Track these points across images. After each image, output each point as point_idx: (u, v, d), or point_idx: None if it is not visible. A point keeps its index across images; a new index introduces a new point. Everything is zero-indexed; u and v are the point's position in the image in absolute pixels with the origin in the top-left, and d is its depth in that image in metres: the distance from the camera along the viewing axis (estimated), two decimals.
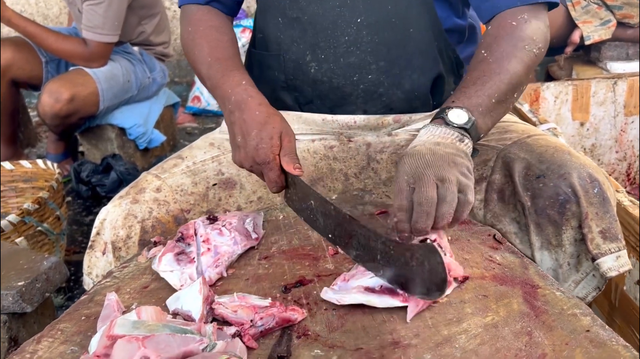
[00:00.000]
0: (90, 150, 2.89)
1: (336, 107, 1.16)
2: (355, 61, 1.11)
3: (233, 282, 0.88)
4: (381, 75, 1.12)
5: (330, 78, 1.13)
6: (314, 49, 1.12)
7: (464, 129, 0.90)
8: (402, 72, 1.12)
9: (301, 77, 1.14)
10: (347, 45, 1.10)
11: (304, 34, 1.12)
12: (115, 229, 1.05)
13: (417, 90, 1.14)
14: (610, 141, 2.20)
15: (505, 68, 0.96)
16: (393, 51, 1.10)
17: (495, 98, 0.94)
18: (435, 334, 0.72)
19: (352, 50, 1.10)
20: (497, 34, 1.01)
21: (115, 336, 0.64)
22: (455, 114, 0.91)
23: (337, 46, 1.10)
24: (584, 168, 0.98)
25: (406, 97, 1.14)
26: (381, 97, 1.14)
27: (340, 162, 1.18)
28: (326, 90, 1.14)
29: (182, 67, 4.49)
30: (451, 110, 0.91)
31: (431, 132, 0.90)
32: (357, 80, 1.12)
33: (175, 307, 0.78)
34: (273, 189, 0.95)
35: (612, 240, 0.95)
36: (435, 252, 0.73)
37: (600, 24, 2.48)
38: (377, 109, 1.15)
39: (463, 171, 0.84)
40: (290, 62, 1.14)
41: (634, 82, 2.10)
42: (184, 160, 1.16)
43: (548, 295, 0.79)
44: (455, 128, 0.89)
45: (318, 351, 0.71)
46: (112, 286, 0.89)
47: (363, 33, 1.09)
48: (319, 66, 1.12)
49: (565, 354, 0.68)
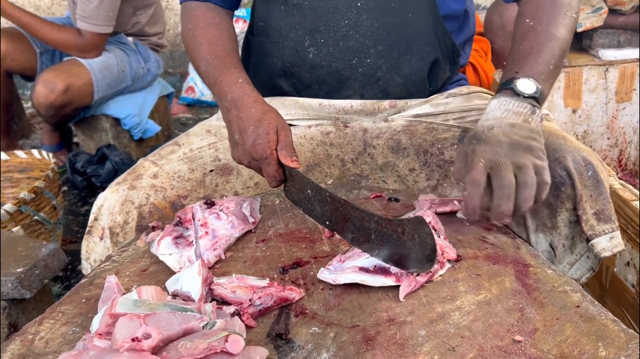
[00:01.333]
0: (85, 141, 2.89)
1: (334, 91, 1.17)
2: (355, 45, 1.12)
3: (231, 265, 0.89)
4: (380, 59, 1.13)
5: (329, 62, 1.14)
6: (314, 33, 1.13)
7: (534, 99, 0.93)
8: (401, 56, 1.14)
9: (299, 63, 1.16)
10: (346, 29, 1.11)
11: (304, 19, 1.13)
12: (113, 215, 1.07)
13: (415, 75, 1.16)
14: (602, 127, 2.22)
15: (555, 35, 1.00)
16: (392, 35, 1.12)
17: (553, 64, 0.98)
18: (430, 312, 0.74)
19: (352, 34, 1.12)
20: (539, 2, 1.05)
21: (117, 314, 0.65)
22: (524, 84, 0.94)
23: (337, 30, 1.12)
24: (578, 151, 0.99)
25: (404, 82, 1.16)
26: (379, 81, 1.15)
27: (337, 148, 1.20)
28: (324, 74, 1.16)
29: (176, 57, 4.48)
30: (519, 80, 0.94)
31: (505, 107, 0.92)
32: (355, 64, 1.14)
33: (174, 288, 0.80)
34: (272, 184, 0.97)
35: (606, 221, 0.97)
36: (424, 224, 0.75)
37: (591, 11, 2.49)
38: (375, 94, 1.17)
39: (538, 154, 0.88)
40: (288, 49, 1.16)
41: (625, 69, 2.12)
42: (181, 146, 1.17)
43: (539, 273, 0.81)
44: (526, 99, 0.93)
45: (315, 328, 0.73)
46: (112, 269, 0.91)
47: (363, 17, 1.11)
48: (318, 50, 1.14)
49: (555, 329, 0.70)
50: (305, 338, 0.71)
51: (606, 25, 2.50)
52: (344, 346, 0.69)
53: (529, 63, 0.97)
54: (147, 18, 2.78)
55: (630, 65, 2.13)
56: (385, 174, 1.19)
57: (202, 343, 0.62)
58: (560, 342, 0.67)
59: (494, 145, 0.86)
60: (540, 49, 0.98)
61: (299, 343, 0.70)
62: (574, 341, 0.67)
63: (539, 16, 1.02)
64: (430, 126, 1.17)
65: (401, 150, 1.17)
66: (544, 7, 1.04)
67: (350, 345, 0.69)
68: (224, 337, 0.63)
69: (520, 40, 1.02)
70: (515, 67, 0.98)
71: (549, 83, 0.99)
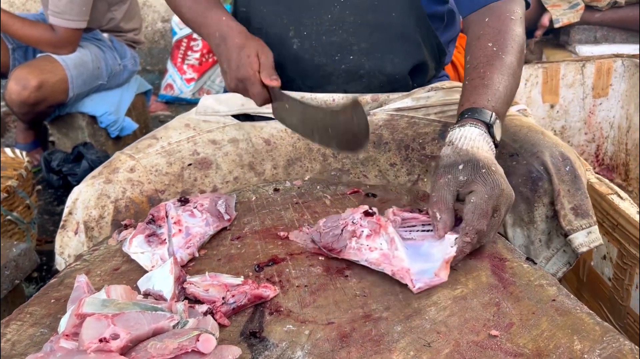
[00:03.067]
0: (61, 139, 2.84)
1: (317, 86, 1.17)
2: (338, 40, 1.11)
3: (205, 262, 0.88)
4: (362, 57, 1.13)
5: (312, 56, 1.13)
6: (298, 25, 1.12)
7: (496, 146, 0.92)
8: (384, 55, 1.13)
9: (283, 53, 1.14)
10: (329, 24, 1.10)
11: (289, 10, 1.12)
12: (88, 209, 1.04)
13: (399, 73, 1.15)
14: (579, 123, 2.24)
15: (516, 71, 0.99)
16: (375, 34, 1.11)
17: (510, 102, 0.98)
18: (406, 307, 0.73)
19: (335, 29, 1.11)
20: (500, 28, 1.02)
21: (84, 314, 0.63)
22: (498, 131, 0.92)
23: (320, 24, 1.11)
24: (556, 147, 1.00)
25: (387, 80, 1.16)
26: (362, 78, 1.15)
27: None
28: (308, 68, 1.15)
29: (154, 54, 4.43)
30: (497, 124, 0.91)
31: (487, 146, 0.89)
32: (338, 60, 1.13)
33: (146, 287, 0.78)
34: (258, 102, 1.05)
35: (583, 216, 0.97)
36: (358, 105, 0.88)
37: (568, 7, 2.51)
38: (357, 90, 1.17)
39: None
40: (273, 37, 1.14)
41: (601, 64, 2.14)
42: (159, 140, 1.15)
43: (516, 267, 0.81)
44: (491, 145, 0.90)
45: (290, 326, 0.71)
46: (82, 269, 0.88)
47: (346, 13, 1.10)
48: (301, 43, 1.13)
49: (531, 323, 0.69)
50: (280, 336, 0.70)
51: (583, 22, 2.53)
52: (318, 343, 0.68)
53: (501, 102, 0.94)
54: (122, 14, 2.73)
55: (606, 60, 2.14)
56: (367, 169, 1.18)
57: (172, 342, 0.61)
58: (536, 336, 0.67)
59: (498, 193, 0.81)
60: (506, 85, 0.96)
61: (273, 341, 0.69)
62: (549, 335, 0.67)
63: (501, 43, 1.00)
64: (411, 120, 1.16)
65: (382, 145, 1.17)
66: (505, 34, 1.01)
67: (325, 342, 0.68)
68: (195, 336, 0.62)
69: (487, 64, 0.98)
70: (487, 95, 0.93)
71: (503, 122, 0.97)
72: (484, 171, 0.82)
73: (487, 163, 0.83)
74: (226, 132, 1.18)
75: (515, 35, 1.01)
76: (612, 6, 2.50)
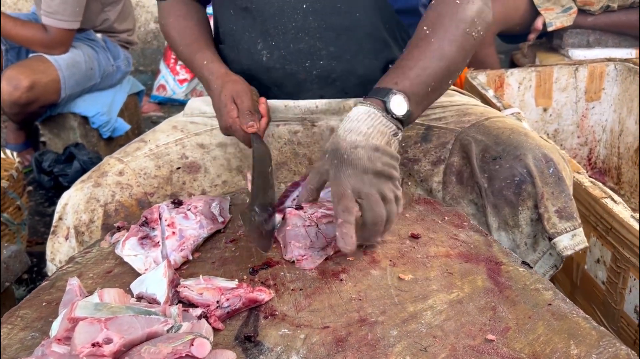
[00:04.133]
0: (52, 140, 2.82)
1: (293, 93, 1.16)
2: (305, 47, 1.10)
3: (199, 266, 0.87)
4: (332, 61, 1.11)
5: (283, 64, 1.12)
6: (265, 36, 1.11)
7: (400, 121, 0.88)
8: (354, 57, 1.11)
9: (255, 67, 1.14)
10: (295, 32, 1.09)
11: (254, 22, 1.11)
12: (78, 213, 1.03)
13: (371, 74, 1.14)
14: (572, 126, 2.25)
15: (445, 52, 0.95)
16: (342, 36, 1.10)
17: (432, 86, 0.93)
18: (402, 311, 0.73)
19: (301, 36, 1.09)
20: (441, 11, 0.99)
21: (76, 318, 0.62)
22: (397, 103, 0.88)
23: (286, 32, 1.10)
24: (539, 148, 0.99)
25: (361, 82, 1.14)
26: (335, 81, 1.14)
27: (305, 147, 1.18)
28: (281, 77, 1.14)
29: (147, 55, 4.41)
30: (394, 97, 0.89)
31: (372, 122, 0.86)
32: (309, 67, 1.12)
33: (139, 291, 0.77)
34: (248, 146, 1.04)
35: (567, 218, 0.97)
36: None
37: (561, 11, 2.52)
38: (333, 94, 1.15)
39: (396, 184, 0.85)
40: (243, 52, 1.14)
41: (594, 68, 2.15)
42: (147, 143, 1.14)
43: (511, 271, 0.81)
44: (393, 120, 0.87)
45: (285, 330, 0.71)
46: (75, 271, 0.87)
47: (310, 19, 1.08)
48: (271, 53, 1.12)
49: (527, 327, 0.69)
50: (275, 340, 0.69)
51: (576, 25, 2.54)
52: (314, 347, 0.67)
53: (410, 77, 0.91)
54: (116, 14, 2.72)
55: (599, 64, 2.15)
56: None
57: (166, 347, 0.60)
58: (533, 341, 0.67)
59: (359, 172, 0.82)
60: (426, 65, 0.93)
61: (268, 345, 0.68)
62: (545, 339, 0.67)
63: (437, 27, 0.97)
64: None
65: None
66: (444, 18, 0.98)
67: (320, 347, 0.67)
68: (190, 341, 0.61)
69: (412, 46, 0.96)
70: (396, 76, 0.92)
71: (421, 105, 0.94)
72: (339, 158, 0.83)
73: (347, 153, 0.83)
74: (214, 136, 1.18)
75: (457, 19, 0.97)
76: (604, 10, 2.51)
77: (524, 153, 0.98)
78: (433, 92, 0.95)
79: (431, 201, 1.01)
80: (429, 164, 1.09)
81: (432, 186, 1.08)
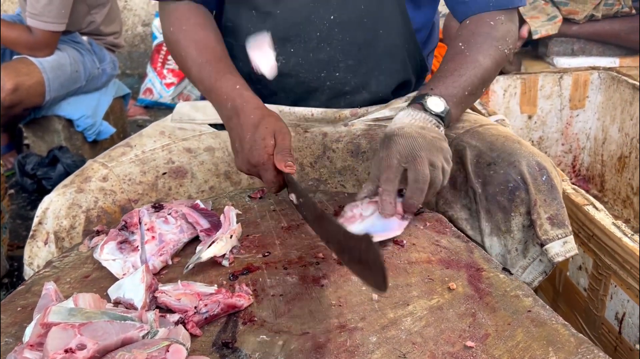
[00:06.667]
0: (36, 142, 2.78)
1: (300, 100, 1.16)
2: (325, 57, 1.11)
3: (178, 271, 0.86)
4: (348, 74, 1.12)
5: (298, 72, 1.12)
6: (284, 43, 1.10)
7: (440, 117, 0.97)
8: (369, 72, 1.13)
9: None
10: (317, 41, 1.09)
11: (275, 27, 1.09)
12: (59, 219, 1.02)
13: (382, 91, 1.16)
14: (556, 134, 2.26)
15: (480, 63, 1.04)
16: (363, 51, 1.11)
17: (469, 90, 1.02)
18: (382, 317, 0.72)
19: (323, 46, 1.10)
20: (475, 30, 1.09)
21: (49, 323, 0.61)
22: (434, 102, 0.98)
23: (308, 41, 1.10)
24: (532, 156, 1.00)
25: (370, 98, 1.16)
26: (346, 95, 1.15)
27: (296, 152, 1.18)
28: (292, 84, 1.14)
29: (134, 58, 4.39)
30: (430, 98, 0.98)
31: (412, 116, 0.96)
32: (324, 77, 1.12)
33: (117, 296, 0.76)
34: (272, 190, 0.95)
35: (559, 226, 0.98)
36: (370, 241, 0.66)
37: (547, 20, 2.54)
38: (339, 106, 1.16)
39: (447, 157, 0.93)
40: None
41: (578, 76, 2.16)
42: (133, 148, 1.12)
43: (492, 277, 0.81)
44: (432, 115, 0.96)
45: (264, 336, 0.70)
46: (52, 276, 0.86)
47: (335, 30, 1.09)
48: (287, 60, 1.11)
49: (507, 334, 0.69)
50: (253, 346, 0.68)
51: (561, 34, 2.56)
52: (292, 354, 0.67)
53: (445, 84, 1.01)
54: (102, 17, 2.70)
55: (583, 73, 2.17)
56: (344, 178, 1.17)
57: (141, 353, 0.59)
58: (512, 347, 0.67)
59: (409, 140, 0.90)
60: (462, 73, 1.02)
61: (246, 351, 0.68)
62: (525, 346, 0.67)
63: (471, 43, 1.06)
64: None
65: (361, 154, 1.16)
66: (478, 36, 1.07)
67: (299, 353, 0.67)
68: (165, 347, 0.60)
69: (447, 60, 1.06)
70: (432, 84, 1.01)
71: (460, 106, 1.03)
72: (389, 139, 0.91)
73: (396, 132, 0.91)
74: (202, 141, 1.16)
75: (490, 37, 1.07)
76: (589, 19, 2.53)
77: (518, 160, 0.99)
78: (470, 96, 1.04)
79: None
80: None
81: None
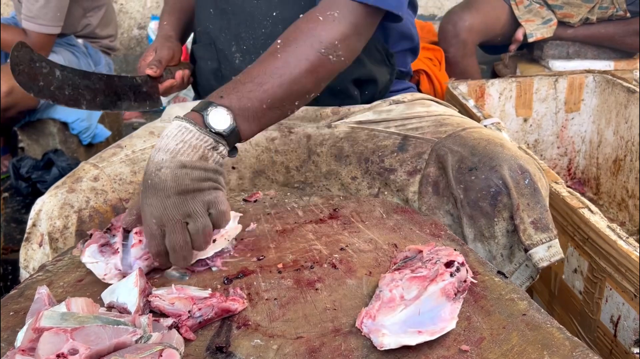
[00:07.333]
0: (31, 146, 2.77)
1: None
2: None
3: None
4: None
5: None
6: (237, 40, 1.14)
7: (222, 136, 0.82)
8: None
9: (229, 67, 1.16)
10: (264, 38, 1.10)
11: (229, 24, 1.13)
12: (52, 219, 1.02)
13: (340, 85, 1.14)
14: (552, 137, 2.26)
15: (290, 73, 0.89)
16: None
17: (268, 104, 0.88)
18: None
19: (270, 43, 1.05)
20: (300, 26, 0.94)
21: (41, 328, 0.61)
22: (217, 116, 0.82)
23: (256, 38, 1.12)
24: (514, 159, 0.99)
25: (330, 93, 1.12)
26: None
27: (282, 155, 1.18)
28: None
29: (130, 62, 4.38)
30: (214, 110, 0.83)
31: (182, 137, 0.80)
32: None
33: (110, 300, 0.76)
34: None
35: (543, 230, 0.97)
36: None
37: (542, 23, 2.55)
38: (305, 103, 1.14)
39: (217, 196, 0.81)
40: (220, 52, 1.16)
41: (573, 79, 2.17)
42: (123, 149, 1.13)
43: (487, 281, 0.80)
44: (211, 134, 0.81)
45: (258, 340, 0.70)
46: (45, 280, 0.85)
47: (279, 27, 1.09)
48: (243, 57, 1.14)
49: (502, 338, 0.69)
50: (247, 350, 0.68)
51: (556, 37, 2.57)
52: (287, 358, 0.66)
53: (240, 92, 0.86)
54: (98, 20, 2.69)
55: (578, 76, 2.17)
56: (330, 182, 1.17)
57: (133, 358, 0.58)
58: (507, 351, 0.66)
59: (161, 198, 0.77)
60: (263, 81, 0.87)
61: (240, 356, 0.67)
62: (519, 350, 0.67)
63: (289, 43, 0.91)
64: (371, 133, 1.15)
65: (344, 158, 1.15)
66: (301, 33, 0.92)
67: (293, 357, 0.66)
68: (158, 351, 0.60)
69: (258, 60, 0.92)
70: (225, 90, 0.87)
71: (256, 122, 0.87)
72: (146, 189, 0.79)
73: (152, 178, 0.78)
74: None
75: (312, 38, 0.91)
76: (584, 23, 2.54)
77: (499, 164, 0.98)
78: (271, 110, 0.89)
79: (409, 210, 1.01)
80: (405, 174, 1.09)
81: (408, 197, 1.08)
